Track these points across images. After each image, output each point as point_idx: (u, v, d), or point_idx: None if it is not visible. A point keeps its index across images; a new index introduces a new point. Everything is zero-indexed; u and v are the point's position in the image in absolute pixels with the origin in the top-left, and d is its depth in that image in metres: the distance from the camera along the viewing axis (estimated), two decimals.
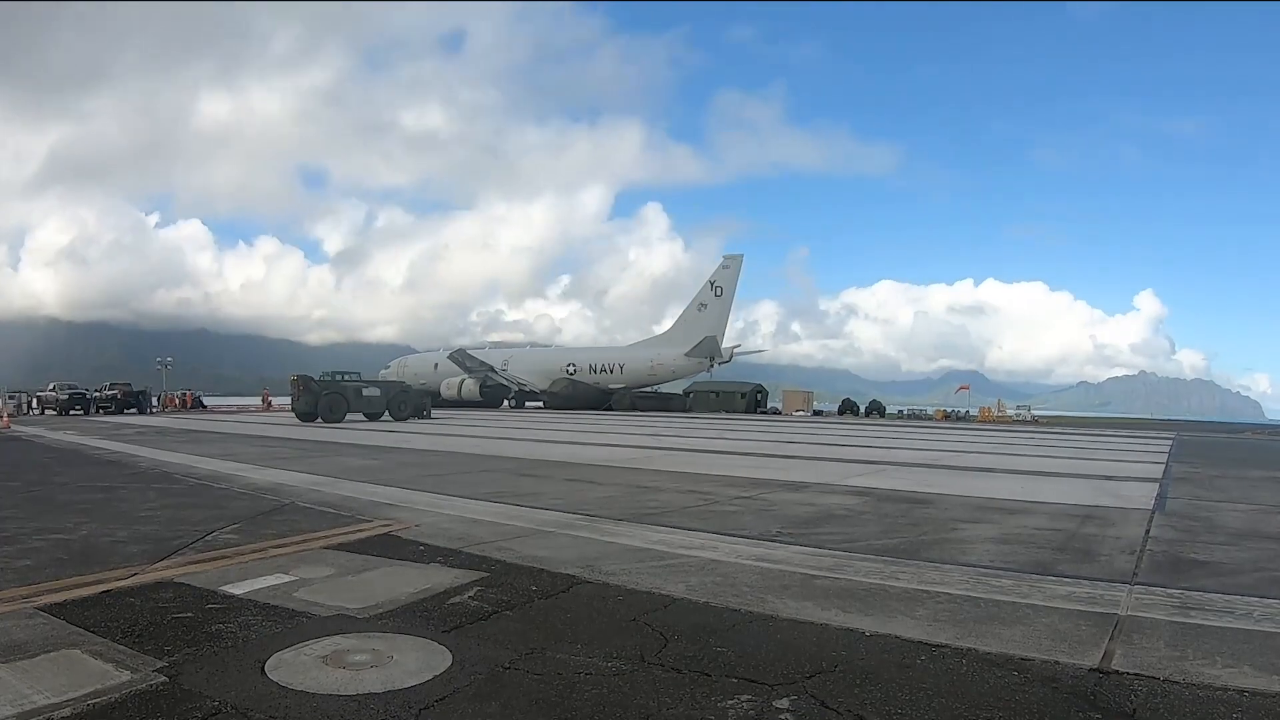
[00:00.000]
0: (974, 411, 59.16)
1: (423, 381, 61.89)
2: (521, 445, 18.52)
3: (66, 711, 3.03)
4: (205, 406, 49.06)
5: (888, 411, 59.32)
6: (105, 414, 38.65)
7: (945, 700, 3.25)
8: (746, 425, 32.99)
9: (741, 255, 59.03)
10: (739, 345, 62.05)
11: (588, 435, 23.16)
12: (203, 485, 10.20)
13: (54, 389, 42.52)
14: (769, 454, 16.94)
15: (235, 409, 46.66)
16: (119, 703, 3.14)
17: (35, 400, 43.17)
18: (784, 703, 3.21)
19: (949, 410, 60.35)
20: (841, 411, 59.68)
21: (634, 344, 63.84)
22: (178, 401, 48.62)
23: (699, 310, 57.98)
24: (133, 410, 41.17)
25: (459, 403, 58.16)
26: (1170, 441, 25.87)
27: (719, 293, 57.44)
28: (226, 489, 9.78)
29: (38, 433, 23.07)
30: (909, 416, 58.01)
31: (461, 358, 58.35)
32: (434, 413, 36.82)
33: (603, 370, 58.02)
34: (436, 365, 61.01)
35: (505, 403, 58.45)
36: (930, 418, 56.30)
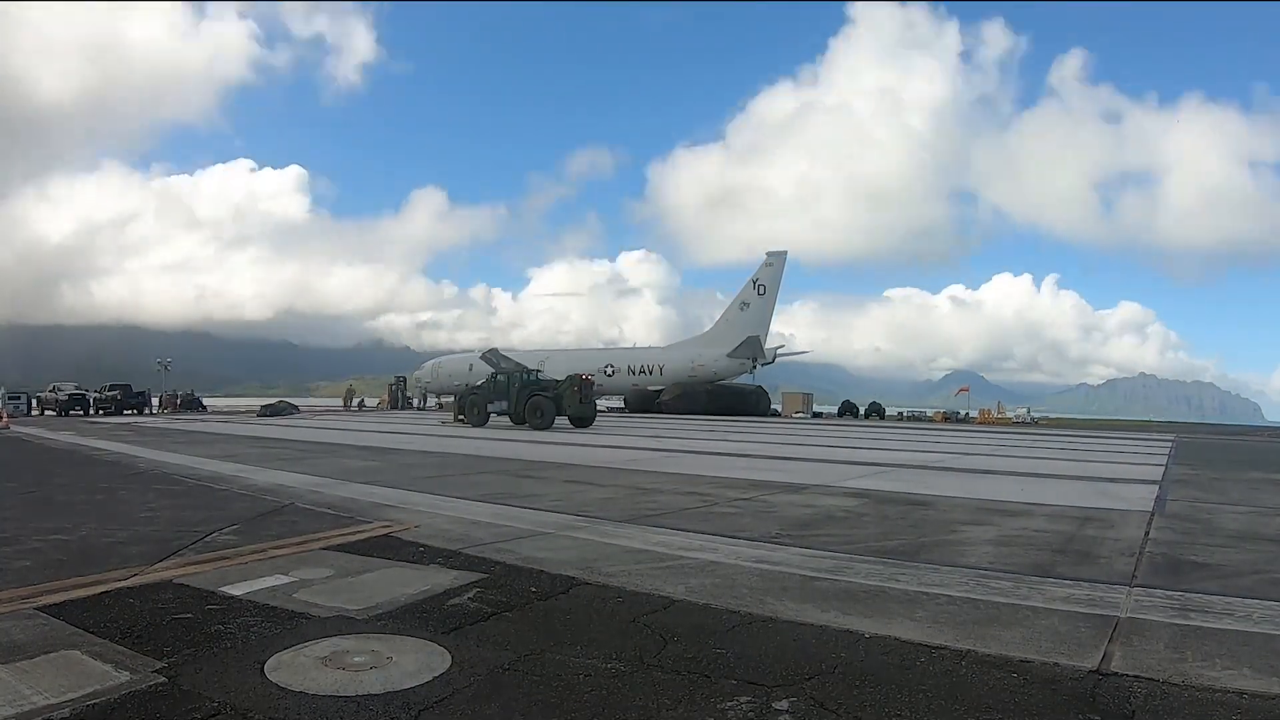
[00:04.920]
0: (973, 413, 59.18)
1: (457, 383, 60.34)
2: (521, 447, 18.52)
3: (66, 712, 3.03)
4: (205, 408, 49.03)
5: (887, 413, 59.34)
6: (104, 415, 38.65)
7: (945, 702, 3.25)
8: (745, 426, 32.99)
9: (785, 251, 56.08)
10: (782, 346, 59.24)
11: (588, 437, 23.16)
12: (202, 486, 10.20)
13: (53, 390, 42.53)
14: (768, 455, 16.93)
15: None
16: (118, 703, 3.13)
17: (35, 401, 43.15)
18: (783, 704, 3.21)
19: (949, 412, 60.40)
20: (841, 413, 59.73)
21: (674, 344, 61.48)
22: (179, 403, 48.60)
23: (741, 309, 55.50)
24: (131, 411, 41.20)
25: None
26: (1170, 444, 25.89)
27: (761, 291, 54.89)
28: (226, 490, 9.77)
29: (37, 433, 23.06)
30: (908, 418, 58.05)
31: (494, 358, 56.21)
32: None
33: (642, 371, 55.85)
34: (471, 366, 57.47)
35: None
36: (930, 420, 56.35)
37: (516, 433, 24.38)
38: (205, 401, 52.70)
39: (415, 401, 61.22)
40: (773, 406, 58.83)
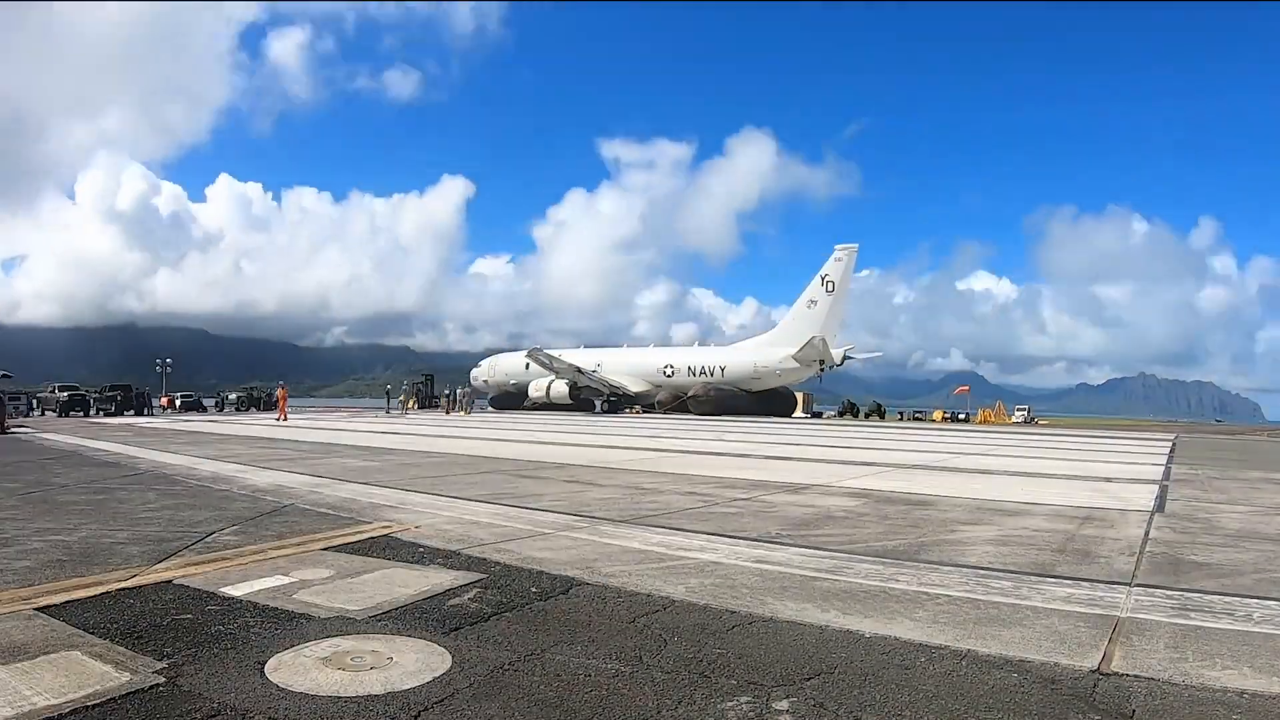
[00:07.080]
0: (974, 413, 59.22)
1: (514, 381, 58.77)
2: (521, 447, 18.53)
3: (66, 712, 3.03)
4: (205, 408, 49.01)
5: (888, 413, 59.36)
6: (105, 415, 38.65)
7: (945, 702, 3.25)
8: (746, 427, 32.99)
9: (856, 245, 52.67)
10: (852, 346, 55.58)
11: (588, 437, 23.17)
12: (202, 486, 10.19)
13: (53, 390, 42.53)
14: (769, 455, 16.94)
15: None
16: (118, 704, 3.13)
17: (35, 401, 43.13)
18: (783, 704, 3.20)
19: (949, 412, 60.43)
20: (841, 413, 59.72)
21: (737, 345, 59.43)
22: (179, 403, 48.59)
23: (808, 307, 52.89)
24: (132, 412, 41.21)
25: (548, 405, 54.64)
26: (1170, 443, 25.91)
27: (830, 288, 52.09)
28: (226, 490, 9.77)
29: (37, 434, 23.05)
30: (909, 418, 58.07)
31: (540, 357, 54.34)
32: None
33: (702, 373, 53.90)
34: (528, 365, 56.57)
35: (596, 405, 53.81)
36: (931, 419, 56.37)
37: (517, 432, 24.42)
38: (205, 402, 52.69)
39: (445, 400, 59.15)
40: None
